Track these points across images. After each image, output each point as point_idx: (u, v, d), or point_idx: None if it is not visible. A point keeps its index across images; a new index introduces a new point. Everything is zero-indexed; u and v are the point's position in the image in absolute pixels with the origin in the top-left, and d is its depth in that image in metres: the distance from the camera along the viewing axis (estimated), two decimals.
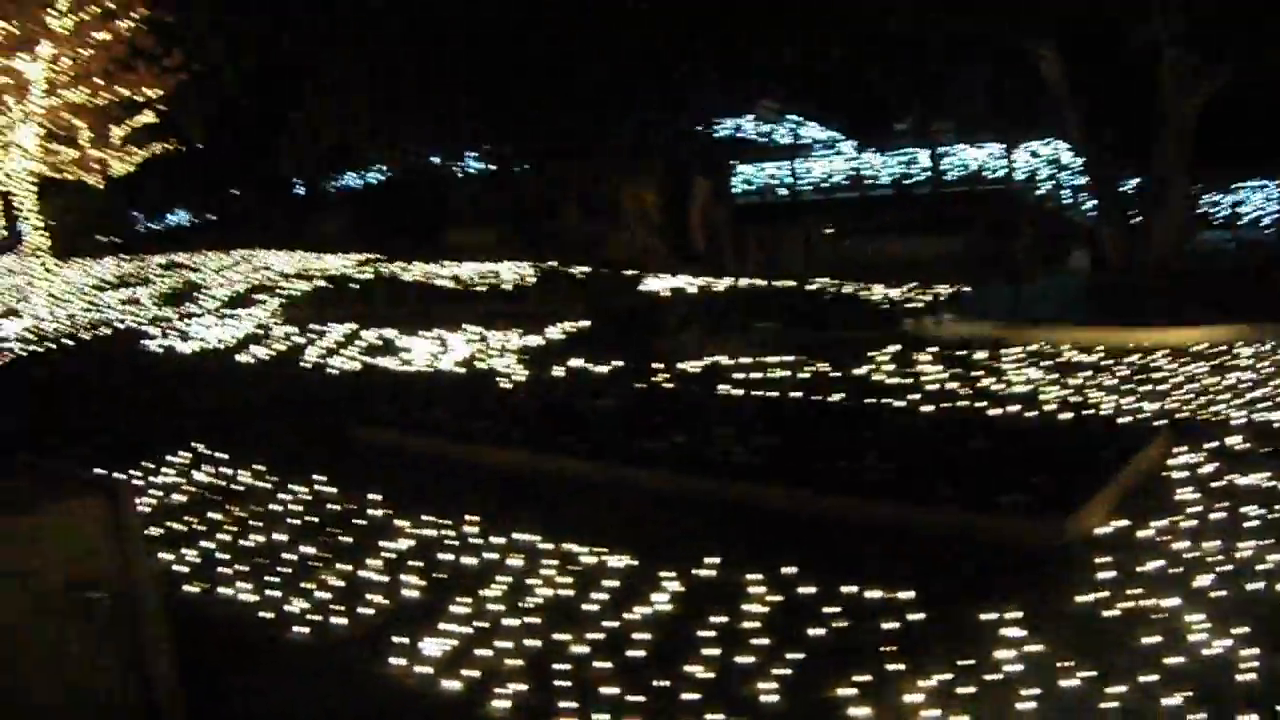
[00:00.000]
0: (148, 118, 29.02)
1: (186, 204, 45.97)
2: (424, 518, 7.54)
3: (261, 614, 6.20)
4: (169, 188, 41.02)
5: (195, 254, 28.56)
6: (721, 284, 19.23)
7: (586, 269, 21.63)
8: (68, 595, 4.15)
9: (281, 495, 8.37)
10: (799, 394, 10.50)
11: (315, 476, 8.60)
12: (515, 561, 6.61)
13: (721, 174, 28.52)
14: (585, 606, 5.86)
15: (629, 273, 21.12)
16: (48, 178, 25.53)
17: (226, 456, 9.54)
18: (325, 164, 35.10)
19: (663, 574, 6.15)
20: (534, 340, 14.64)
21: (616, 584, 6.12)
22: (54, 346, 17.36)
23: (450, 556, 6.86)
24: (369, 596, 6.27)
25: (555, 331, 15.17)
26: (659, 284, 19.65)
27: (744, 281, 19.22)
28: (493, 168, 32.84)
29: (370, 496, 8.05)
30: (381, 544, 7.14)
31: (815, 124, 35.10)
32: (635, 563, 6.40)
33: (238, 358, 15.28)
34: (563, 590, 6.12)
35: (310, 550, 7.14)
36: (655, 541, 6.73)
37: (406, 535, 7.31)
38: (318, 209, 39.43)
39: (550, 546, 6.79)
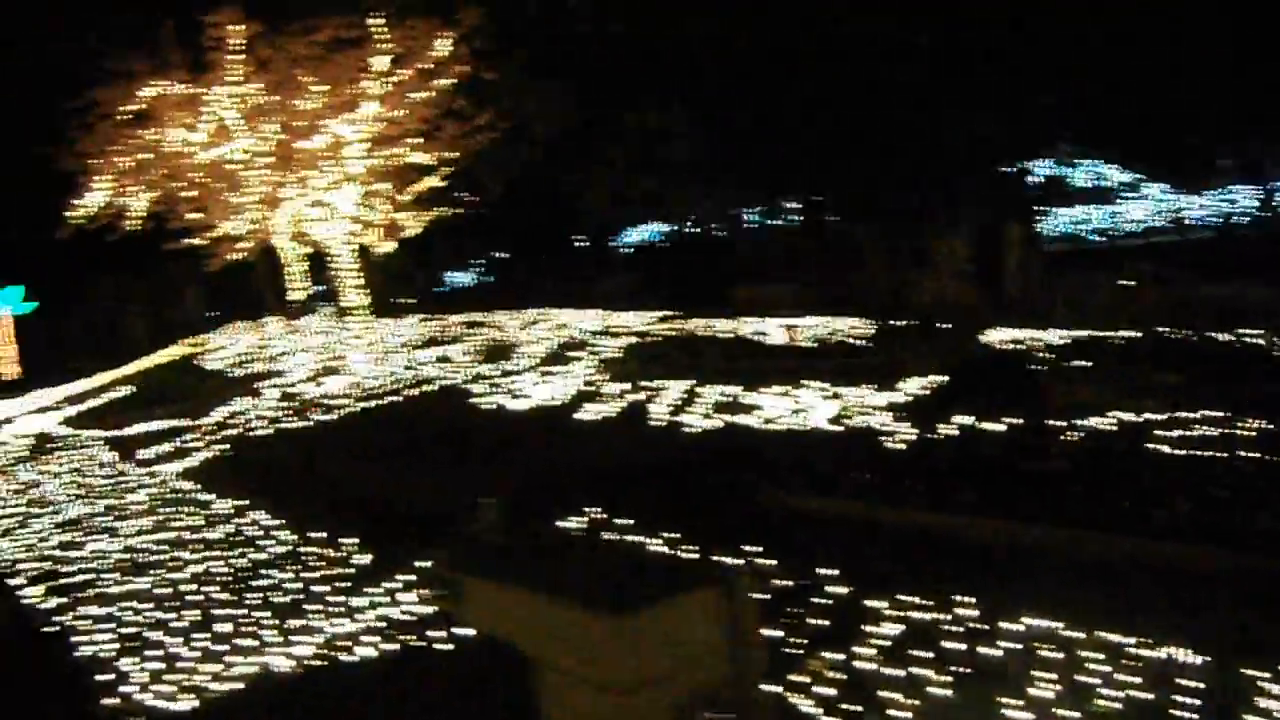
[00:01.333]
0: (435, 180, 29.25)
1: (469, 264, 46.56)
2: (899, 597, 6.54)
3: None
4: (454, 248, 41.49)
5: (491, 313, 28.47)
6: (1059, 334, 17.76)
7: (911, 321, 20.43)
8: (690, 714, 3.27)
9: (666, 561, 7.49)
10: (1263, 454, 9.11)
11: (746, 547, 7.69)
12: (1051, 654, 5.53)
13: (1032, 220, 27.14)
14: (1182, 714, 4.73)
15: (963, 324, 19.83)
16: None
17: (631, 522, 8.75)
18: (624, 218, 34.93)
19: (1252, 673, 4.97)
20: (895, 396, 13.53)
21: (1203, 685, 4.96)
22: (382, 403, 17.19)
23: (960, 645, 5.83)
24: (888, 694, 5.29)
25: (913, 386, 14.03)
26: (999, 335, 18.29)
27: (1091, 331, 17.71)
28: (783, 221, 32.03)
29: (821, 571, 7.09)
30: (866, 629, 6.16)
31: (1116, 166, 33.46)
32: (1208, 658, 5.22)
33: (576, 415, 14.67)
34: (1138, 692, 4.99)
35: (779, 634, 6.21)
36: (1209, 629, 5.53)
37: (888, 618, 6.31)
38: (602, 266, 39.25)
39: (1080, 635, 5.68)
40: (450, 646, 6.86)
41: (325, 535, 9.77)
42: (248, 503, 11.62)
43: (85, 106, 21.74)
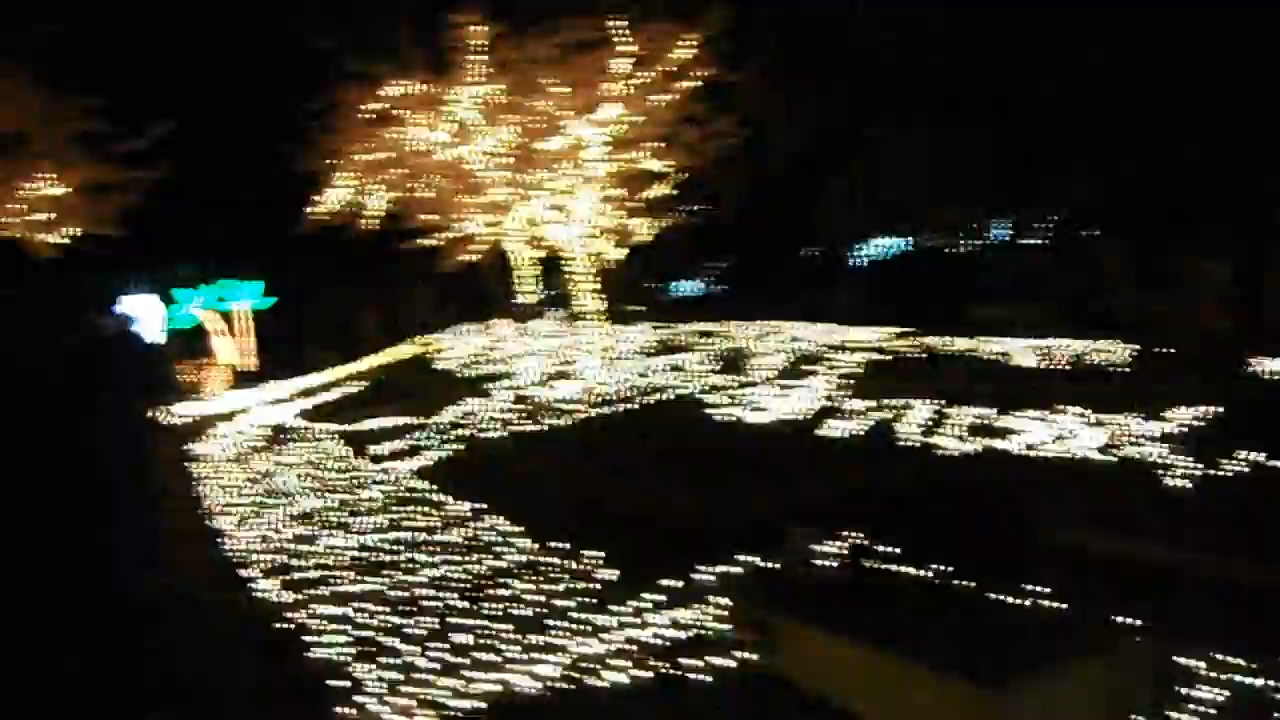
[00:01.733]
0: (668, 187, 28.81)
1: (697, 273, 46.05)
2: (1217, 656, 5.66)
3: None
4: (683, 256, 41.00)
5: (721, 323, 27.90)
6: None
7: (1169, 347, 19.05)
8: None
9: (1016, 615, 6.69)
10: None
11: (1031, 587, 6.87)
12: None
13: None
14: None
15: (1226, 352, 18.38)
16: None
17: (898, 550, 8.00)
18: (859, 229, 34.00)
19: None
20: (1166, 426, 12.43)
21: None
22: (616, 410, 16.76)
23: None
24: None
25: (1184, 416, 12.88)
26: (1269, 365, 16.82)
27: None
28: (1026, 238, 30.65)
29: (1119, 619, 6.24)
30: (1182, 690, 5.33)
31: None
32: None
33: (819, 432, 13.93)
34: None
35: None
36: None
37: (1206, 680, 5.46)
38: (832, 279, 38.20)
39: None
40: (709, 679, 6.26)
41: (566, 546, 9.29)
42: (484, 506, 11.26)
43: (327, 107, 21.98)
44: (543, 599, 8.09)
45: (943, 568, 7.27)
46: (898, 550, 7.90)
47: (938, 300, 29.63)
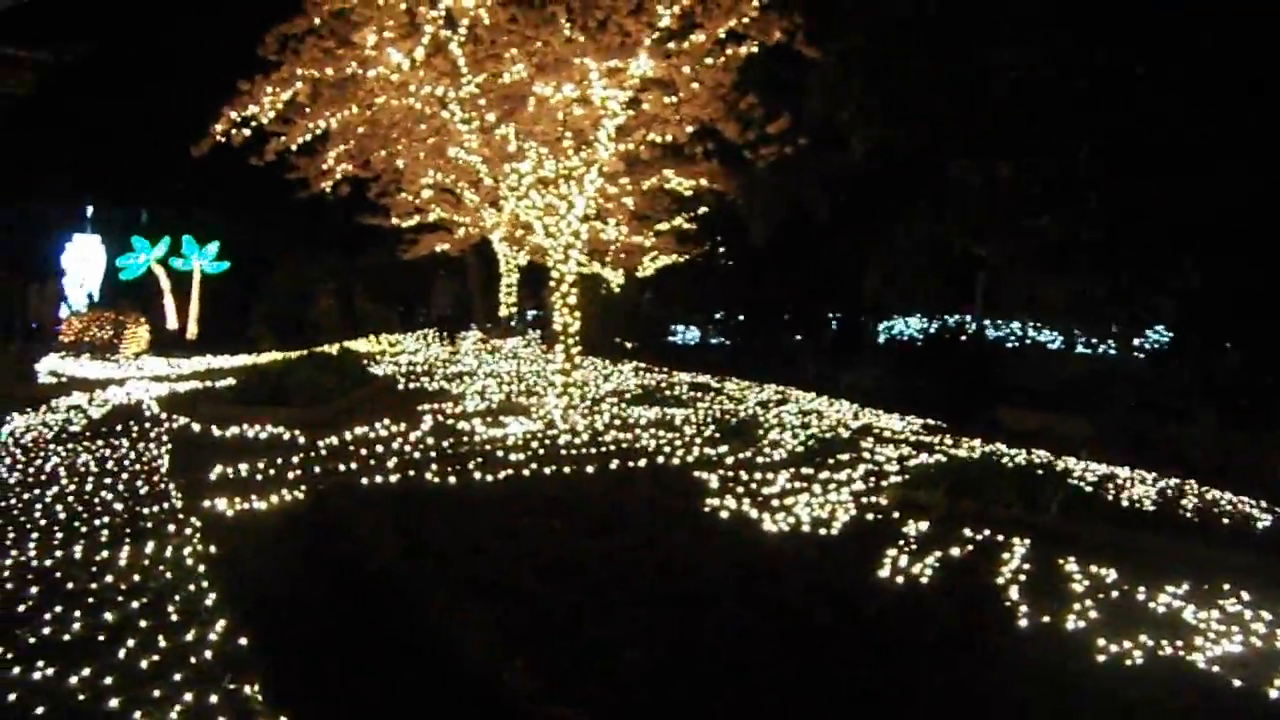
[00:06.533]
0: (680, 221, 24.03)
1: (702, 318, 41.30)
2: None
3: None
4: (690, 296, 36.32)
5: (723, 379, 23.00)
6: None
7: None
8: None
9: None
10: None
11: None
12: None
13: None
14: None
15: None
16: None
17: None
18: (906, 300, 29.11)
19: None
20: None
21: None
22: (581, 470, 11.69)
23: None
24: None
25: None
26: None
27: None
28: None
29: None
30: None
31: None
32: None
33: (864, 563, 8.80)
34: None
35: None
36: None
37: None
38: (855, 353, 33.28)
39: None
40: None
41: None
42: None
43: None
44: None
45: None
46: None
47: (964, 395, 25.01)
